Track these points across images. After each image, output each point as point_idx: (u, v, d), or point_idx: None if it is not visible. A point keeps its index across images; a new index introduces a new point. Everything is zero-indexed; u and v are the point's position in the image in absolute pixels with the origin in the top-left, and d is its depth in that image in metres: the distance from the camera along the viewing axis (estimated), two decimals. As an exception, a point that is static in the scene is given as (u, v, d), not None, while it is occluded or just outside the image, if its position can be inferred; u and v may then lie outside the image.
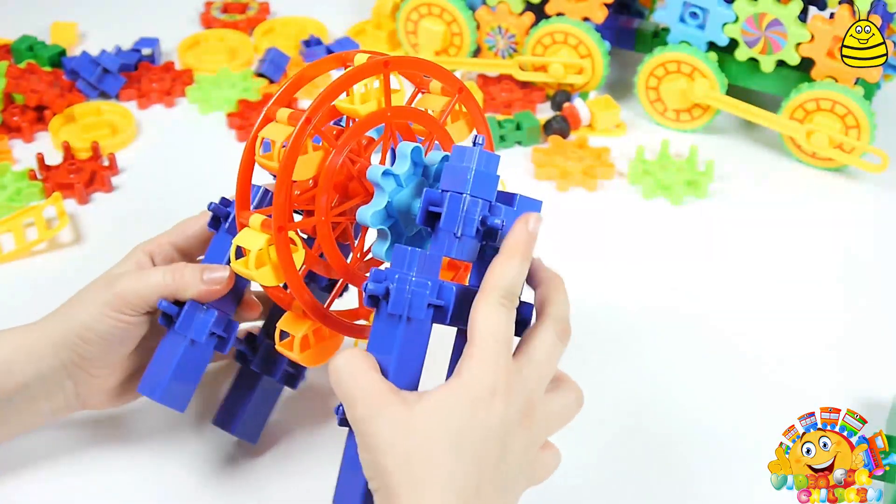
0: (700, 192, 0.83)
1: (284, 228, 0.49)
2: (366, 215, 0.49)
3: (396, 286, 0.45)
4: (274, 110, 0.52)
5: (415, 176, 0.51)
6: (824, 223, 0.82)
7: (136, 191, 0.83)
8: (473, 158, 0.47)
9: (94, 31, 1.04)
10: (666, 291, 0.74)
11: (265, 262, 0.50)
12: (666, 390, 0.66)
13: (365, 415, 0.43)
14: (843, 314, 0.72)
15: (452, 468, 0.42)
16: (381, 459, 0.43)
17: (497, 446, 0.44)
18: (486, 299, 0.45)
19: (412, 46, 0.99)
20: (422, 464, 0.42)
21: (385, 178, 0.49)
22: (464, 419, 0.43)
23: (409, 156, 0.50)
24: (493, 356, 0.44)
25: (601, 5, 0.90)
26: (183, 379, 0.54)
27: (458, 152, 0.48)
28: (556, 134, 0.88)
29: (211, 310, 0.54)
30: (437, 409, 0.43)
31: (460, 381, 0.44)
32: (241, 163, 0.52)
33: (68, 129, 0.89)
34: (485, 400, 0.43)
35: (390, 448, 0.43)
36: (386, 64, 0.51)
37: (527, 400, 0.45)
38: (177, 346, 0.53)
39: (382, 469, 0.42)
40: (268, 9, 1.08)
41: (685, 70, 0.88)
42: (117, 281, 0.54)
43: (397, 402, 0.44)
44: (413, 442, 0.43)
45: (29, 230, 0.77)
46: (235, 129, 0.89)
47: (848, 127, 0.83)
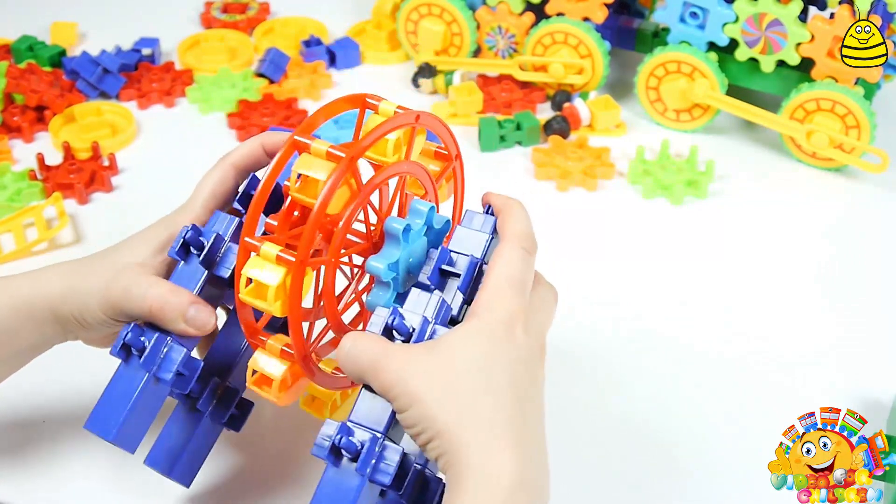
0: (700, 192, 0.83)
1: (306, 264, 0.47)
2: (379, 267, 0.48)
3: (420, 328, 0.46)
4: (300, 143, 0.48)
5: (419, 234, 0.50)
6: (824, 223, 0.82)
7: (136, 191, 0.83)
8: (488, 225, 0.50)
9: (94, 31, 1.04)
10: (666, 291, 0.74)
11: (281, 297, 0.48)
12: (665, 390, 0.66)
13: (393, 377, 0.44)
14: (844, 314, 0.72)
15: (496, 397, 0.44)
16: (426, 410, 0.43)
17: (524, 371, 0.45)
18: (504, 245, 0.48)
19: (412, 46, 0.99)
20: (465, 399, 0.43)
21: (404, 234, 0.49)
22: (490, 349, 0.44)
23: (425, 214, 0.50)
24: (505, 290, 0.46)
25: (601, 5, 0.90)
26: (138, 417, 0.50)
27: (471, 218, 0.51)
28: (556, 134, 0.88)
29: (177, 346, 0.51)
30: (462, 348, 0.45)
31: (476, 319, 0.45)
32: (260, 190, 0.49)
33: (68, 129, 0.89)
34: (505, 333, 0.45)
35: (431, 395, 0.43)
36: (417, 118, 0.50)
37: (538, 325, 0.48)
38: (134, 381, 0.50)
39: (430, 418, 0.43)
40: (268, 9, 1.08)
41: (685, 70, 0.88)
42: (114, 279, 0.51)
43: (420, 351, 0.45)
44: (450, 382, 0.43)
45: (29, 230, 0.77)
46: (235, 129, 0.89)
47: (848, 127, 0.83)
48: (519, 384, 0.44)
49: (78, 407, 0.62)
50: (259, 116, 0.89)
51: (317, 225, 0.47)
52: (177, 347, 0.51)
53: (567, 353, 0.49)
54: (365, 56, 1.01)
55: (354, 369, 0.46)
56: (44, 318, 0.52)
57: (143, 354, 0.50)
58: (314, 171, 0.47)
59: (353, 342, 0.46)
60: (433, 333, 0.46)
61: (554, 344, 0.51)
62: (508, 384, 0.44)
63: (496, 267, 0.47)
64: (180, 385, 0.51)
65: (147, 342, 0.50)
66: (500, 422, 0.43)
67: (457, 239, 0.50)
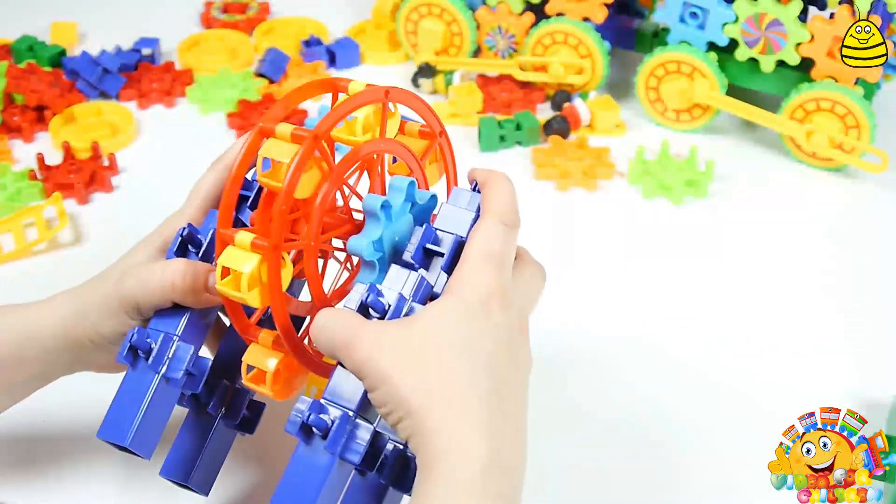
0: (700, 192, 0.83)
1: (280, 248, 0.46)
2: (360, 245, 0.47)
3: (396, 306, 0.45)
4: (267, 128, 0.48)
5: (403, 211, 0.49)
6: (824, 223, 0.82)
7: (136, 191, 0.83)
8: (474, 203, 0.48)
9: (94, 31, 1.04)
10: (666, 291, 0.74)
11: (255, 284, 0.47)
12: (665, 390, 0.66)
13: (366, 355, 0.43)
14: (844, 314, 0.72)
15: (469, 376, 0.42)
16: (395, 389, 0.42)
17: (502, 349, 0.44)
18: (484, 220, 0.47)
19: (412, 46, 0.99)
20: (436, 379, 0.42)
21: (383, 210, 0.48)
22: (466, 327, 0.43)
23: (404, 190, 0.49)
24: (482, 265, 0.45)
25: (601, 5, 0.90)
26: (152, 420, 0.50)
27: (458, 195, 0.49)
28: (556, 134, 0.88)
29: (185, 343, 0.50)
30: (435, 326, 0.43)
31: (451, 295, 0.44)
32: (231, 179, 0.49)
33: (68, 129, 0.89)
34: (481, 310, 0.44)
35: (401, 374, 0.42)
36: (387, 93, 0.49)
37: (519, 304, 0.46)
38: (144, 384, 0.50)
39: (400, 397, 0.42)
40: (268, 9, 1.08)
41: (685, 70, 0.88)
42: (124, 277, 0.51)
43: (392, 330, 0.44)
44: (422, 360, 0.42)
45: (29, 230, 0.77)
46: (235, 129, 0.89)
47: (848, 127, 0.83)
48: (494, 363, 0.43)
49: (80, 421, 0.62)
50: (259, 116, 0.89)
51: (286, 208, 0.46)
52: (184, 346, 0.50)
53: (566, 353, 0.48)
54: (365, 56, 1.01)
55: (327, 346, 0.45)
56: (54, 345, 0.52)
57: (150, 356, 0.50)
58: (279, 154, 0.47)
59: (325, 318, 0.45)
60: (410, 311, 0.46)
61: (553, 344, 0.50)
62: (483, 363, 0.43)
63: (474, 242, 0.46)
64: (190, 385, 0.51)
65: (153, 343, 0.50)
66: (472, 402, 0.42)
67: (442, 217, 0.49)
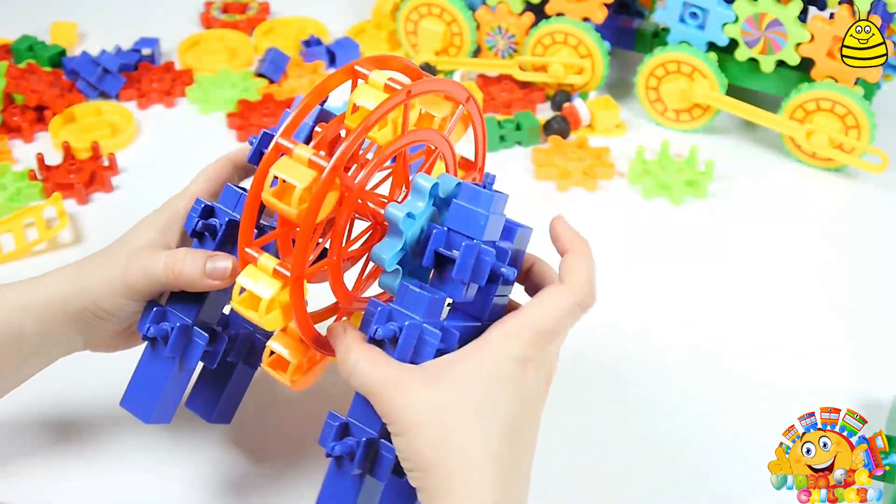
0: (700, 192, 0.83)
1: (302, 278, 0.46)
2: (383, 257, 0.47)
3: (405, 333, 0.45)
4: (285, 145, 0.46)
5: (428, 209, 0.49)
6: (824, 223, 0.82)
7: (136, 191, 0.83)
8: (489, 204, 0.47)
9: (94, 31, 1.04)
10: (666, 291, 0.74)
11: (274, 308, 0.47)
12: (665, 390, 0.66)
13: (389, 405, 0.44)
14: (843, 314, 0.72)
15: (488, 438, 0.43)
16: (416, 442, 0.43)
17: (526, 411, 0.45)
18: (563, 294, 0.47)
19: (412, 46, 0.99)
20: (458, 440, 0.43)
21: (406, 220, 0.47)
22: (497, 389, 0.44)
23: (427, 193, 0.48)
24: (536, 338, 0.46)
25: (601, 5, 0.90)
26: (170, 395, 0.53)
27: (471, 193, 0.47)
28: (556, 134, 0.88)
29: (201, 332, 0.51)
30: (466, 385, 0.44)
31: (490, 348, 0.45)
32: (249, 198, 0.48)
33: (68, 129, 0.89)
34: (515, 372, 0.45)
35: (425, 430, 0.43)
36: (409, 94, 0.47)
37: (550, 368, 0.47)
38: (163, 370, 0.52)
39: (419, 451, 0.43)
40: (268, 9, 1.08)
41: (685, 70, 0.88)
42: (129, 262, 0.52)
43: (421, 383, 0.44)
44: (447, 419, 0.43)
45: (29, 230, 0.77)
46: (235, 129, 0.89)
47: (848, 127, 0.83)
48: (515, 424, 0.44)
49: (82, 410, 0.62)
50: (259, 116, 0.89)
51: (304, 239, 0.45)
52: (199, 334, 0.52)
53: (565, 353, 0.48)
54: (365, 56, 1.01)
55: (359, 387, 0.46)
56: (52, 317, 0.52)
57: (167, 341, 0.51)
58: (293, 177, 0.45)
59: (354, 365, 0.46)
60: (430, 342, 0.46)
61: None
62: (505, 425, 0.44)
63: (540, 307, 0.47)
64: (208, 360, 0.53)
65: (170, 328, 0.51)
66: (486, 464, 0.43)
67: (453, 215, 0.47)
